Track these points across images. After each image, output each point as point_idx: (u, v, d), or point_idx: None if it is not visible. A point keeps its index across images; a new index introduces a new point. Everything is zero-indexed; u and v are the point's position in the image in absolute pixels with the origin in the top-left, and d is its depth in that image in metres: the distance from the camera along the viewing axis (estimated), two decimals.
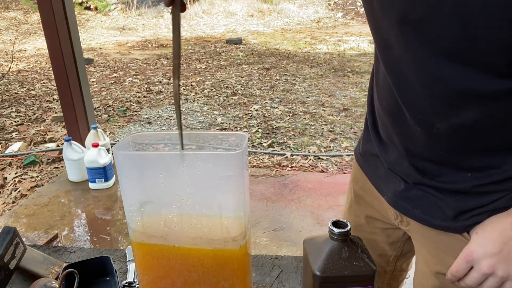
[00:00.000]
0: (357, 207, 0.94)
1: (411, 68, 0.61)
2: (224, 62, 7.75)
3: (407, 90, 0.64)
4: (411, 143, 0.71)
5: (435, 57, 0.57)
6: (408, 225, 0.79)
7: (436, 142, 0.66)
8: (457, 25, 0.52)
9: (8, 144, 3.90)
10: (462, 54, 0.55)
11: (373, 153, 0.83)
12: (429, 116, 0.63)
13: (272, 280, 0.92)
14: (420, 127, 0.66)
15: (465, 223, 0.67)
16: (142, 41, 10.13)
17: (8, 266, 0.81)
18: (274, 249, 2.02)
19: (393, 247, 0.92)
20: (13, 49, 7.40)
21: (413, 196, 0.73)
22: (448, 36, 0.54)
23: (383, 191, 0.81)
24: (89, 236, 2.09)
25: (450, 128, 0.63)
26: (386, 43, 0.64)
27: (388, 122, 0.74)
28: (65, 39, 2.58)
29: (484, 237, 0.64)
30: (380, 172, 0.81)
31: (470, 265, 0.64)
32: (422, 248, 0.79)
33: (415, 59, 0.60)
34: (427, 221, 0.72)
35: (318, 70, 6.93)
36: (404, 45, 0.60)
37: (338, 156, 3.55)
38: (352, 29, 11.19)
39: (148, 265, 0.75)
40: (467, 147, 0.64)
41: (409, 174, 0.73)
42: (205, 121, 4.60)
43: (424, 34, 0.56)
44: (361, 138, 0.91)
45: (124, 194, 0.71)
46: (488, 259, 0.62)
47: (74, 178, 2.52)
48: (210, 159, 0.68)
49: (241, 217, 0.70)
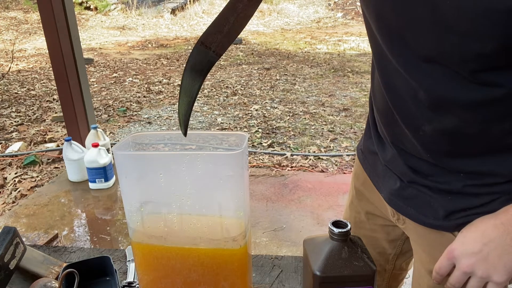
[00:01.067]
0: (358, 203, 0.95)
1: (397, 73, 0.63)
2: (224, 62, 7.75)
3: (396, 94, 0.66)
4: (402, 144, 0.72)
5: (417, 65, 0.60)
6: (405, 223, 0.80)
7: (422, 145, 0.68)
8: (432, 37, 0.55)
9: (8, 144, 3.90)
10: (439, 62, 0.57)
11: (372, 150, 0.84)
12: (415, 119, 0.66)
13: (272, 280, 0.92)
14: (408, 129, 0.68)
15: (456, 222, 0.68)
16: (142, 41, 10.13)
17: (8, 266, 0.81)
18: (274, 249, 2.02)
19: (392, 245, 0.92)
20: (13, 49, 7.39)
21: (407, 195, 0.74)
22: (426, 46, 0.57)
23: (380, 188, 0.82)
24: (89, 236, 2.09)
25: (434, 132, 0.64)
26: (378, 49, 0.67)
27: (382, 122, 0.76)
28: (65, 39, 2.58)
29: (466, 236, 0.64)
30: (378, 170, 0.82)
31: (452, 263, 0.65)
32: (418, 246, 0.80)
33: (400, 66, 0.62)
34: (420, 219, 0.73)
35: (318, 70, 6.93)
36: (390, 52, 0.63)
37: (338, 156, 3.55)
38: (352, 29, 11.19)
39: (148, 265, 0.75)
40: (451, 151, 0.66)
41: (404, 173, 0.74)
42: (205, 121, 4.60)
43: (405, 43, 0.59)
44: (363, 135, 0.93)
45: (124, 194, 0.71)
46: (468, 258, 0.62)
47: (74, 178, 2.52)
48: (210, 159, 0.68)
49: (241, 217, 0.70)
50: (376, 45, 0.67)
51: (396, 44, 0.61)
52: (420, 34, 0.57)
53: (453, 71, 0.56)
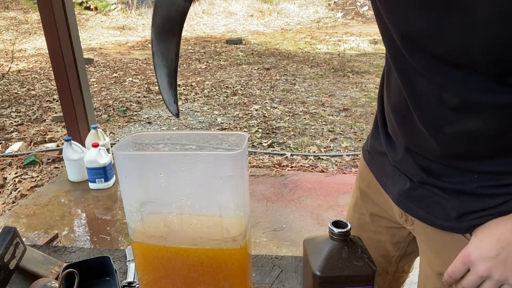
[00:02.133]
0: (363, 205, 0.94)
1: (419, 76, 0.62)
2: (224, 62, 7.75)
3: (417, 95, 0.65)
4: (417, 144, 0.71)
5: (441, 69, 0.58)
6: (413, 225, 0.79)
7: (441, 146, 0.66)
8: (462, 42, 0.54)
9: (8, 144, 3.90)
10: (466, 66, 0.56)
11: (380, 151, 0.84)
12: (436, 121, 0.64)
13: (272, 280, 0.92)
14: (427, 130, 0.66)
15: (468, 224, 0.67)
16: (142, 41, 10.13)
17: (8, 266, 0.81)
18: (274, 249, 2.02)
19: (396, 247, 0.92)
20: (13, 49, 7.39)
21: (418, 196, 0.74)
22: (454, 51, 0.56)
23: (388, 189, 0.81)
24: (89, 236, 2.09)
25: (455, 134, 0.63)
26: (396, 52, 0.65)
27: (396, 122, 0.74)
28: (65, 39, 2.58)
29: (482, 240, 0.64)
30: (386, 170, 0.82)
31: (467, 267, 0.64)
32: (426, 248, 0.79)
33: (422, 69, 0.61)
34: (431, 221, 0.72)
35: (318, 70, 6.93)
36: (410, 56, 0.61)
37: (338, 156, 3.55)
38: (352, 29, 11.20)
39: (148, 265, 0.75)
40: (469, 152, 0.65)
41: (415, 173, 0.73)
42: (205, 121, 4.59)
43: (430, 48, 0.58)
44: (370, 135, 0.91)
45: (124, 194, 0.71)
46: (485, 262, 0.62)
47: (74, 178, 2.52)
48: (210, 159, 0.68)
49: (241, 217, 0.70)
50: (393, 47, 0.65)
51: (419, 49, 0.60)
52: (448, 38, 0.55)
53: (480, 74, 0.56)
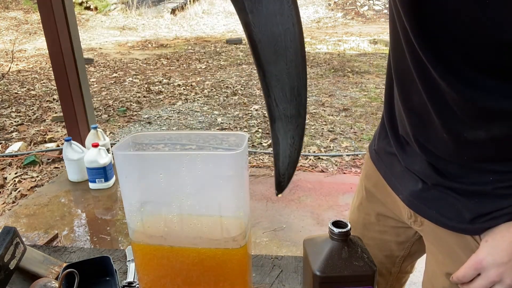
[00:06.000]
0: (368, 205, 0.94)
1: (443, 82, 0.61)
2: (224, 62, 7.75)
3: (440, 100, 0.64)
4: (433, 147, 0.71)
5: (468, 78, 0.58)
6: (422, 225, 0.79)
7: (461, 149, 0.66)
8: (491, 52, 0.54)
9: (8, 144, 3.90)
10: (494, 74, 0.56)
11: (389, 151, 0.83)
12: (459, 125, 0.64)
13: (272, 280, 0.92)
14: (447, 134, 0.66)
15: (482, 226, 0.67)
16: (142, 41, 10.13)
17: (8, 266, 0.81)
18: (274, 249, 2.02)
19: (401, 247, 0.92)
20: (13, 49, 7.39)
21: (430, 197, 0.73)
22: (483, 60, 0.56)
23: (398, 190, 0.80)
24: (89, 236, 2.09)
25: (478, 138, 0.63)
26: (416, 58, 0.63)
27: (411, 123, 0.73)
28: (65, 39, 2.58)
29: (493, 246, 0.64)
30: (396, 171, 0.81)
31: (478, 272, 0.65)
32: (435, 248, 0.79)
33: (447, 76, 0.60)
34: (443, 222, 0.72)
35: (318, 70, 6.93)
36: (434, 65, 0.60)
37: (338, 156, 3.55)
38: (352, 29, 11.19)
39: (148, 265, 0.75)
40: (492, 155, 0.65)
41: (428, 175, 0.73)
42: (205, 121, 4.59)
43: (457, 57, 0.57)
44: (377, 135, 0.90)
45: (124, 194, 0.71)
46: (497, 268, 0.63)
47: (74, 178, 2.52)
48: (210, 159, 0.68)
49: (241, 217, 0.70)
50: (413, 54, 0.63)
51: (446, 58, 0.58)
52: (480, 49, 0.55)
53: (509, 81, 0.55)
